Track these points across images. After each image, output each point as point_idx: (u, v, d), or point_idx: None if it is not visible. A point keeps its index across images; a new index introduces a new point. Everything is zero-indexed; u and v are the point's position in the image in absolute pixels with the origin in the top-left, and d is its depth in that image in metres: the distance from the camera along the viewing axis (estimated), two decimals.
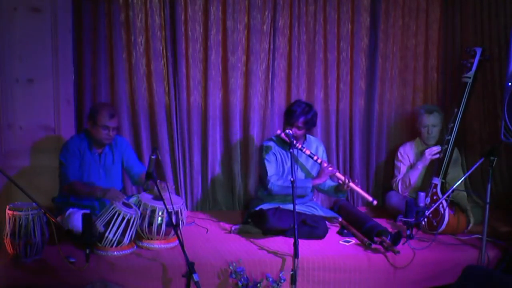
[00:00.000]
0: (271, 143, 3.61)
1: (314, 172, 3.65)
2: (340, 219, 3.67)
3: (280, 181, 3.49)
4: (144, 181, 3.24)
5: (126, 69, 3.93)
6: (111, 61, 3.87)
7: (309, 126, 3.54)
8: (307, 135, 3.67)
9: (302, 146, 3.51)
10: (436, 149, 3.80)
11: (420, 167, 3.89)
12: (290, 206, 3.39)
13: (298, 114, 3.44)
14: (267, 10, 4.12)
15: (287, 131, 3.42)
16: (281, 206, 3.49)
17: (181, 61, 3.96)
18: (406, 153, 4.10)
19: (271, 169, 3.53)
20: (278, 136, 3.53)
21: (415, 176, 3.92)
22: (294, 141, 3.40)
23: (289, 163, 3.58)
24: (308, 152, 3.50)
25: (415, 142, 4.12)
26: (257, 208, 3.53)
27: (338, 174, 3.49)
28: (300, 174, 3.62)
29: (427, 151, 3.83)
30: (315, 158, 3.51)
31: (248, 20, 4.08)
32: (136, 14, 3.87)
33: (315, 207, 3.65)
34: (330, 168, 3.49)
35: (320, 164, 3.53)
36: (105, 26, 3.82)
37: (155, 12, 3.91)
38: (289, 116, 3.48)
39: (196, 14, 4.00)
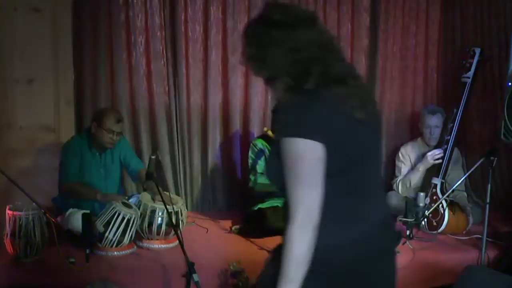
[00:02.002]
0: (259, 141, 3.67)
1: None
2: None
3: (262, 179, 3.53)
4: (144, 181, 3.24)
5: (126, 69, 3.93)
6: (111, 61, 3.86)
7: None
8: None
9: None
10: (439, 152, 3.77)
11: (421, 169, 3.87)
12: None
13: None
14: None
15: None
16: (279, 205, 3.49)
17: (181, 61, 3.96)
18: (408, 153, 4.09)
19: (254, 167, 3.60)
20: (265, 133, 3.61)
21: (416, 178, 3.91)
22: None
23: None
24: None
25: (417, 142, 4.11)
26: (256, 208, 3.54)
27: None
28: None
29: (429, 155, 3.79)
30: None
31: (248, 20, 4.08)
32: (136, 14, 3.87)
33: None
34: None
35: None
36: (105, 26, 3.81)
37: (155, 12, 3.91)
38: (275, 113, 3.55)
39: (196, 14, 4.00)
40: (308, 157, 1.44)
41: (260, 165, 3.62)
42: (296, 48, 1.48)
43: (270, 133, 3.58)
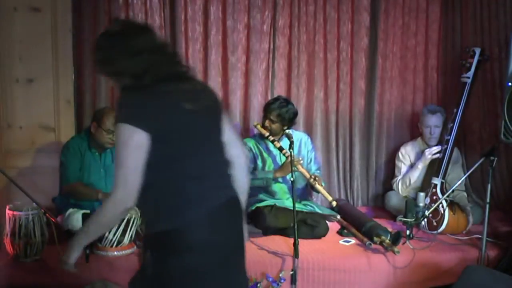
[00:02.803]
0: (250, 141, 3.76)
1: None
2: (338, 217, 3.67)
3: None
4: None
5: None
6: None
7: (285, 122, 3.62)
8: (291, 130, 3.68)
9: (274, 139, 3.60)
10: (436, 148, 3.80)
11: (420, 167, 3.89)
12: (286, 204, 3.48)
13: (272, 108, 3.59)
14: (267, 10, 4.12)
15: (287, 130, 3.47)
16: (277, 204, 3.51)
17: None
18: (407, 153, 4.10)
19: None
20: (258, 133, 3.74)
21: (415, 176, 3.92)
22: (267, 134, 3.58)
23: (265, 155, 3.71)
24: (278, 145, 3.57)
25: (417, 142, 4.12)
26: (253, 208, 3.55)
27: (301, 169, 3.49)
28: (276, 165, 3.68)
29: (427, 151, 3.84)
30: (283, 151, 3.56)
31: (248, 20, 4.08)
32: (136, 14, 3.87)
33: (313, 205, 3.66)
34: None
35: (286, 157, 3.54)
36: (105, 26, 3.81)
37: (155, 12, 3.91)
38: (265, 109, 3.66)
39: (196, 14, 4.00)
40: (130, 143, 1.67)
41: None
42: (131, 52, 1.77)
43: (259, 127, 3.67)
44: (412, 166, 4.03)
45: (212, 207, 1.79)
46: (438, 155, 3.77)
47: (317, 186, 3.47)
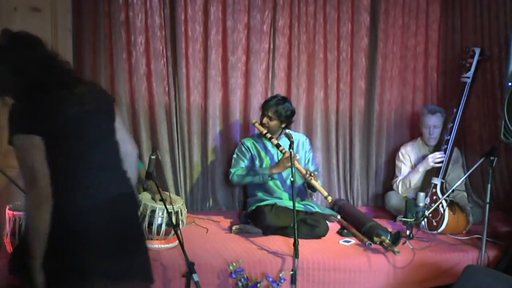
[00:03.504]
0: (248, 140, 3.80)
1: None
2: (339, 217, 3.67)
3: (239, 171, 3.67)
4: (144, 181, 3.24)
5: (126, 69, 3.93)
6: (111, 61, 3.86)
7: (283, 119, 3.64)
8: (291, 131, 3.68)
9: (271, 136, 3.63)
10: (440, 156, 3.76)
11: (421, 170, 3.87)
12: (286, 203, 3.50)
13: (270, 105, 3.63)
14: (267, 10, 4.12)
15: (287, 130, 3.46)
16: (277, 203, 3.51)
17: (181, 61, 3.96)
18: (407, 153, 4.10)
19: (236, 163, 3.74)
20: (256, 134, 3.80)
21: (415, 179, 3.91)
22: (265, 131, 3.61)
23: (263, 154, 3.74)
24: (275, 142, 3.60)
25: (417, 142, 4.12)
26: (254, 207, 3.55)
27: (297, 165, 3.49)
28: (272, 163, 3.70)
29: (430, 158, 3.78)
30: (280, 148, 3.57)
31: (248, 20, 4.09)
32: (136, 14, 3.87)
33: (313, 205, 3.66)
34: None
35: (283, 154, 3.54)
36: (105, 26, 3.81)
37: (155, 12, 3.91)
38: (262, 106, 3.71)
39: (196, 14, 4.00)
40: (27, 147, 1.81)
41: (243, 163, 3.72)
42: (20, 66, 1.85)
43: (257, 124, 3.69)
44: (412, 166, 4.03)
45: (104, 201, 1.91)
46: (440, 164, 3.74)
47: (313, 182, 3.47)
